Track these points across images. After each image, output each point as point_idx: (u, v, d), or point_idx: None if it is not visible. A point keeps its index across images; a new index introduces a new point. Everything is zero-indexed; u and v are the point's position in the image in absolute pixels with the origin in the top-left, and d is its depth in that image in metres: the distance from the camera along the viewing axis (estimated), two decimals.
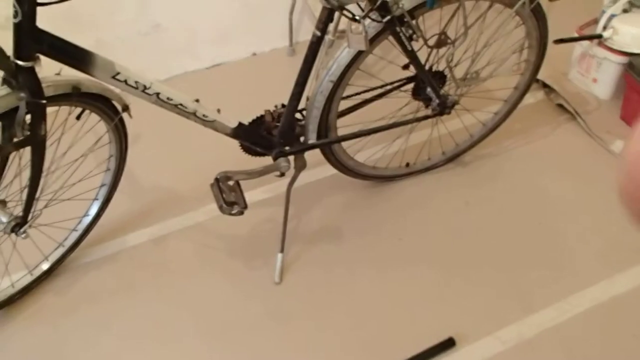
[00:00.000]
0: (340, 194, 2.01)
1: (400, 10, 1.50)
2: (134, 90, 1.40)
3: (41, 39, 1.22)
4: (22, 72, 1.22)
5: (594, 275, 1.72)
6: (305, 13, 2.67)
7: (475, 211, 1.92)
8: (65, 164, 1.64)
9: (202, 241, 1.87)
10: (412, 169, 2.04)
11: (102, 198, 1.78)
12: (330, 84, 1.59)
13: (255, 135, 1.65)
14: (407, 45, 1.59)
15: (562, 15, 2.15)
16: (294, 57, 2.66)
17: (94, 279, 1.79)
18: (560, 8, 1.94)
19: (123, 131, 1.64)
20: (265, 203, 1.98)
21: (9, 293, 1.69)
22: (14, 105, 1.27)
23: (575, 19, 2.32)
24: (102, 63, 1.32)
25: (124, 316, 1.69)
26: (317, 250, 1.83)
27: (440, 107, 1.80)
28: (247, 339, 1.62)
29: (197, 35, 2.54)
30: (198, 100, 1.51)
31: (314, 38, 1.50)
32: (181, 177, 2.09)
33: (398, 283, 1.73)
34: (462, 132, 2.08)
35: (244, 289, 1.74)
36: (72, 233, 1.80)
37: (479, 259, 1.78)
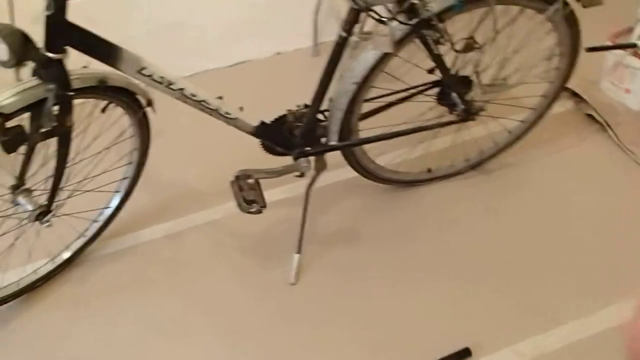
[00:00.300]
0: (359, 197, 2.00)
1: (428, 13, 1.49)
2: (159, 86, 1.42)
3: (71, 32, 1.25)
4: (52, 64, 1.25)
5: (618, 292, 1.68)
6: (330, 13, 2.67)
7: (498, 221, 1.90)
8: (89, 156, 1.67)
9: (218, 238, 1.88)
10: (433, 175, 2.02)
11: (124, 191, 1.81)
12: (354, 85, 1.59)
13: (277, 135, 1.65)
14: (433, 49, 1.58)
15: (595, 23, 2.10)
16: (317, 57, 2.65)
17: (112, 271, 1.81)
18: (594, 15, 1.89)
19: (146, 125, 1.66)
20: (283, 203, 1.98)
21: (31, 279, 1.72)
22: (42, 96, 1.29)
23: (608, 26, 2.28)
24: (129, 57, 1.34)
25: (138, 309, 1.71)
26: (334, 253, 1.82)
27: (465, 113, 1.79)
28: (259, 338, 1.62)
29: (222, 33, 2.54)
30: (221, 98, 1.52)
31: (339, 39, 1.50)
32: (201, 174, 2.10)
33: (415, 290, 1.71)
34: (486, 139, 2.05)
35: (259, 288, 1.74)
36: (93, 224, 1.82)
37: (500, 269, 1.76)
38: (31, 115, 1.33)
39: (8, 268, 1.70)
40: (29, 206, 1.50)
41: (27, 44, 1.22)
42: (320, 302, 1.70)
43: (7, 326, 1.67)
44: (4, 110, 1.25)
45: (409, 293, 1.71)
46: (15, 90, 1.27)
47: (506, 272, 1.75)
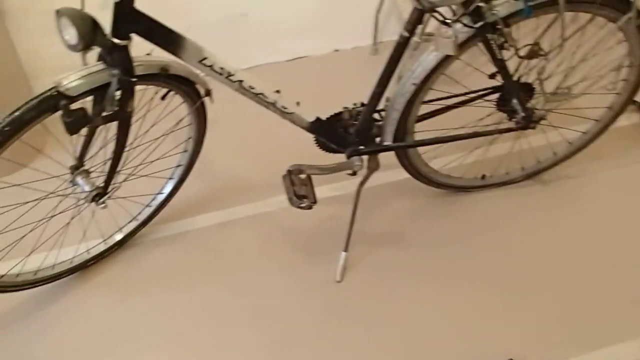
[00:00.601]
0: (410, 199, 1.98)
1: (494, 17, 1.46)
2: (219, 76, 1.43)
3: (137, 20, 1.27)
4: (117, 50, 1.28)
5: None
6: (392, 13, 2.65)
7: (550, 234, 1.85)
8: (146, 142, 1.70)
9: (267, 231, 1.90)
10: (487, 182, 1.98)
11: (177, 178, 1.84)
12: (413, 86, 1.57)
13: (332, 132, 1.65)
14: (497, 54, 1.54)
15: None
16: (376, 56, 2.64)
17: (161, 256, 1.84)
18: None
19: (203, 115, 1.68)
20: (333, 200, 1.97)
21: (83, 258, 1.78)
22: (106, 81, 1.33)
23: None
24: (191, 47, 1.36)
25: (185, 295, 1.73)
26: (381, 254, 1.81)
27: (525, 121, 1.74)
28: (300, 333, 1.63)
29: (282, 27, 2.56)
30: (279, 92, 1.52)
31: (401, 38, 1.48)
32: (254, 166, 2.12)
33: (461, 298, 1.69)
34: (545, 148, 2.00)
35: (304, 283, 1.75)
36: (145, 208, 1.87)
37: (549, 284, 1.71)
38: (94, 98, 1.37)
39: (63, 246, 1.75)
40: (87, 187, 1.54)
41: (95, 30, 1.25)
42: (364, 302, 1.69)
43: (58, 302, 1.73)
44: (69, 93, 1.29)
45: (454, 300, 1.68)
46: (81, 74, 1.30)
47: (556, 287, 1.70)
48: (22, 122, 1.30)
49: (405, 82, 1.57)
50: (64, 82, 1.29)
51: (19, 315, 1.70)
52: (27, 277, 1.66)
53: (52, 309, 1.71)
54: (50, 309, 1.71)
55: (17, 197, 1.60)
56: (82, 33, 1.23)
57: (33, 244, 1.67)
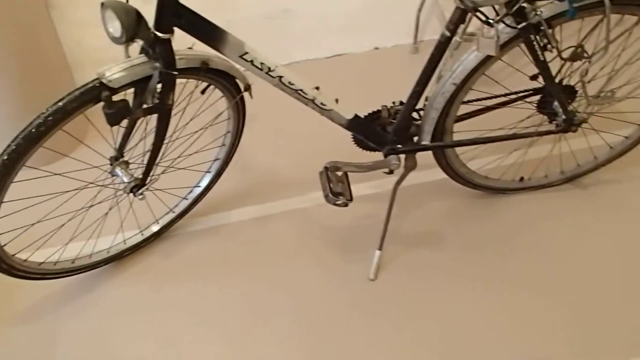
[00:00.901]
0: (447, 200, 1.96)
1: (537, 18, 1.44)
2: (258, 71, 1.44)
3: (181, 14, 1.28)
4: (160, 43, 1.29)
5: None
6: (433, 12, 2.63)
7: (590, 239, 1.82)
8: (185, 135, 1.72)
9: (302, 227, 1.90)
10: (525, 185, 1.96)
11: (214, 172, 1.86)
12: (453, 86, 1.55)
13: (370, 130, 1.64)
14: (539, 55, 1.52)
15: None
16: (416, 55, 2.63)
17: (196, 248, 1.86)
18: None
19: (242, 109, 1.69)
20: (369, 198, 1.97)
21: (120, 248, 1.81)
22: (148, 73, 1.34)
23: None
24: (233, 42, 1.37)
25: (219, 288, 1.75)
26: (415, 254, 1.80)
27: (566, 124, 1.71)
28: (332, 329, 1.63)
29: (323, 24, 2.56)
30: (318, 88, 1.52)
31: (443, 38, 1.46)
32: (291, 162, 2.13)
33: (495, 302, 1.67)
34: (586, 152, 1.96)
35: (338, 280, 1.75)
36: (182, 201, 1.89)
37: (587, 290, 1.68)
38: (136, 91, 1.39)
39: (100, 235, 1.78)
40: (125, 178, 1.56)
41: (139, 23, 1.27)
42: (397, 301, 1.68)
43: (94, 290, 1.76)
44: (111, 85, 1.31)
45: (488, 304, 1.66)
46: (124, 66, 1.32)
47: (595, 295, 1.66)
48: (65, 112, 1.33)
49: (446, 81, 1.56)
50: (107, 74, 1.31)
51: (55, 302, 1.74)
52: (65, 265, 1.70)
53: (88, 297, 1.74)
54: (87, 297, 1.74)
55: (58, 186, 1.63)
56: (126, 26, 1.24)
57: (71, 233, 1.71)
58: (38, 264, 1.63)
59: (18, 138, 1.32)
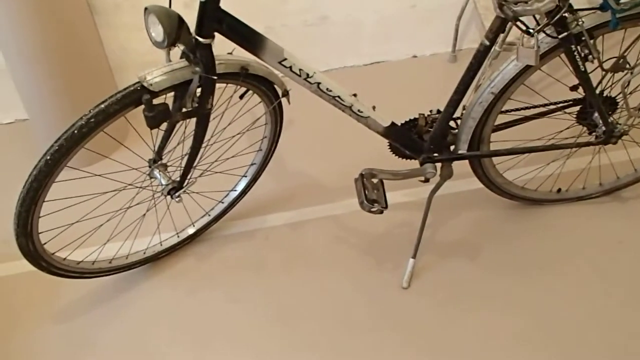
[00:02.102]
0: (482, 210, 1.94)
1: (578, 28, 1.42)
2: (297, 78, 1.45)
3: (222, 19, 1.30)
4: (200, 48, 1.31)
5: None
6: (472, 21, 2.61)
7: (629, 253, 1.78)
8: (223, 139, 1.74)
9: (337, 233, 1.90)
10: (563, 196, 1.93)
11: (250, 176, 1.87)
12: (491, 95, 1.54)
13: (406, 137, 1.64)
14: (580, 66, 1.50)
15: None
16: (454, 64, 2.61)
17: (231, 252, 1.88)
18: None
19: (280, 115, 1.71)
20: (404, 206, 1.96)
21: (156, 250, 1.84)
22: (188, 77, 1.36)
23: None
24: (272, 48, 1.38)
25: (252, 292, 1.76)
26: (450, 264, 1.79)
27: (606, 136, 1.68)
28: (362, 336, 1.62)
29: (362, 31, 2.57)
30: (355, 95, 1.53)
31: (482, 47, 1.45)
32: (326, 168, 2.14)
33: (528, 318, 1.64)
34: (626, 165, 1.92)
35: (370, 287, 1.74)
36: (218, 204, 1.91)
37: (627, 305, 1.64)
38: (175, 94, 1.41)
39: (137, 236, 1.81)
40: (163, 180, 1.59)
41: (181, 28, 1.28)
42: (429, 311, 1.67)
43: (131, 291, 1.79)
44: (153, 88, 1.33)
45: (519, 320, 1.63)
46: (165, 70, 1.35)
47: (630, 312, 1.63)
48: (107, 114, 1.35)
49: (484, 90, 1.55)
50: (148, 78, 1.33)
51: (92, 301, 1.77)
52: (102, 265, 1.73)
53: (124, 297, 1.77)
54: (122, 297, 1.77)
55: (98, 187, 1.67)
56: (169, 30, 1.26)
57: (109, 233, 1.74)
58: (77, 262, 1.66)
59: (61, 139, 1.35)
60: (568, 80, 1.63)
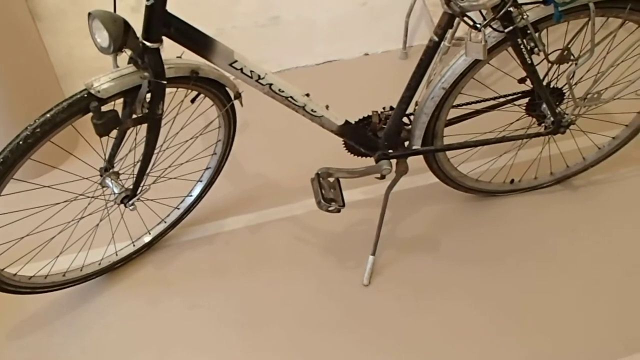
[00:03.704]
0: (439, 204, 1.97)
1: (523, 22, 1.45)
2: (248, 79, 1.44)
3: (169, 22, 1.28)
4: (148, 52, 1.29)
5: None
6: (422, 17, 2.64)
7: (582, 240, 1.82)
8: (175, 144, 1.71)
9: (296, 234, 1.90)
10: (516, 187, 1.97)
11: (206, 180, 1.85)
12: (442, 90, 1.56)
13: (361, 135, 1.65)
14: (527, 59, 1.53)
15: None
16: (405, 60, 2.64)
17: (190, 258, 1.85)
18: None
19: (233, 118, 1.69)
20: (362, 204, 1.97)
21: (112, 260, 1.79)
22: (137, 83, 1.34)
23: None
24: (222, 50, 1.37)
25: (214, 297, 1.74)
26: (409, 259, 1.80)
27: (555, 126, 1.73)
28: (325, 335, 1.62)
29: (313, 31, 2.57)
30: (308, 95, 1.52)
31: (431, 43, 1.47)
32: (283, 169, 2.13)
33: (488, 307, 1.66)
34: (574, 153, 1.98)
35: (332, 286, 1.74)
36: (174, 211, 1.88)
37: (580, 291, 1.69)
38: (125, 101, 1.38)
39: (91, 247, 1.77)
40: (116, 189, 1.55)
41: (127, 32, 1.26)
42: (390, 307, 1.68)
43: (87, 303, 1.74)
44: (100, 95, 1.30)
45: (479, 309, 1.66)
46: (112, 76, 1.31)
47: (588, 294, 1.67)
48: (53, 123, 1.31)
49: (435, 86, 1.56)
50: (95, 84, 1.30)
51: (48, 316, 1.72)
52: (56, 279, 1.68)
53: (81, 310, 1.73)
54: (80, 310, 1.73)
55: (47, 199, 1.62)
56: (114, 35, 1.23)
57: (62, 246, 1.69)
58: (28, 278, 1.61)
59: (5, 151, 1.30)
60: (516, 73, 1.66)
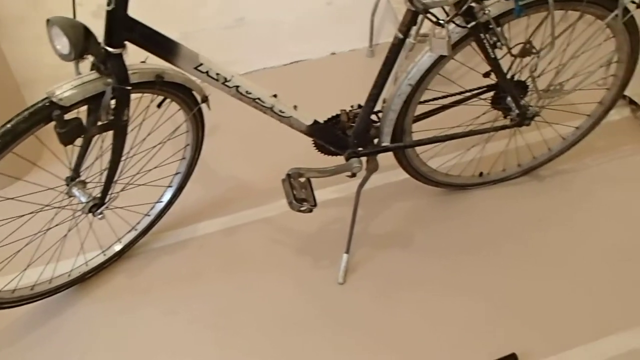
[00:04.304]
0: (410, 199, 1.98)
1: (486, 17, 1.46)
2: (215, 82, 1.42)
3: (131, 27, 1.26)
4: (111, 58, 1.26)
5: None
6: (387, 15, 2.65)
7: (549, 228, 1.85)
8: (143, 150, 1.69)
9: (270, 235, 1.89)
10: (485, 179, 1.99)
11: (176, 186, 1.83)
12: (409, 87, 1.57)
13: (330, 134, 1.65)
14: (490, 53, 1.55)
15: None
16: (372, 58, 2.65)
17: (164, 264, 1.83)
18: None
19: (201, 121, 1.67)
20: (334, 203, 1.97)
21: (82, 271, 1.76)
22: (101, 90, 1.31)
23: None
24: (187, 54, 1.35)
25: (189, 303, 1.72)
26: (383, 255, 1.81)
27: (520, 118, 1.75)
28: (302, 335, 1.62)
29: (279, 31, 2.56)
30: (276, 96, 1.52)
31: (396, 40, 1.48)
32: (254, 171, 2.12)
33: (462, 297, 1.68)
34: (540, 145, 2.01)
35: (307, 286, 1.74)
36: (145, 217, 1.85)
37: (550, 277, 1.72)
38: (89, 108, 1.36)
39: (60, 259, 1.74)
40: (83, 198, 1.52)
41: (87, 38, 1.24)
42: (367, 304, 1.68)
43: (59, 315, 1.71)
44: (62, 103, 1.27)
45: (456, 300, 1.68)
46: (75, 84, 1.29)
47: (558, 281, 1.70)
48: (15, 134, 1.28)
49: (402, 83, 1.57)
50: (57, 92, 1.27)
51: (17, 331, 1.68)
52: (24, 293, 1.64)
53: (53, 323, 1.69)
54: (52, 323, 1.69)
55: (12, 211, 1.58)
56: (74, 42, 1.21)
57: (29, 258, 1.66)
58: None
59: None
60: (481, 67, 1.68)
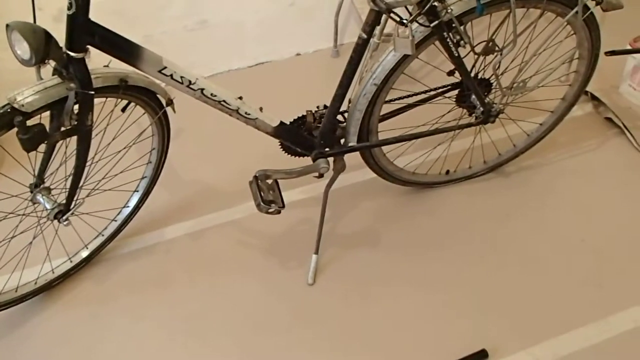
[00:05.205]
0: (378, 198, 1.99)
1: (448, 16, 1.48)
2: (179, 85, 1.42)
3: (93, 31, 1.25)
4: (73, 63, 1.25)
5: (637, 295, 1.66)
6: (351, 15, 2.67)
7: (516, 223, 1.89)
8: (108, 155, 1.68)
9: (238, 238, 1.89)
10: (452, 177, 2.01)
11: (142, 190, 1.81)
12: (374, 87, 1.58)
13: (296, 135, 1.65)
14: (453, 51, 1.56)
15: (616, 27, 2.09)
16: (337, 58, 2.66)
17: (131, 270, 1.81)
18: (614, 19, 1.89)
19: (166, 125, 1.66)
20: (302, 203, 1.98)
21: (48, 278, 1.73)
22: (63, 95, 1.30)
23: (629, 31, 2.27)
24: (150, 57, 1.34)
25: (157, 308, 1.71)
26: (352, 255, 1.82)
27: (484, 115, 1.78)
28: (272, 338, 1.62)
29: (243, 33, 2.56)
30: (241, 98, 1.52)
31: (360, 40, 1.49)
32: (221, 174, 2.11)
33: (432, 293, 1.70)
34: (505, 141, 2.04)
35: (277, 288, 1.74)
36: (111, 223, 1.83)
37: (517, 272, 1.74)
38: (52, 113, 1.34)
39: (26, 266, 1.71)
40: (48, 205, 1.51)
41: (48, 43, 1.22)
42: (337, 304, 1.69)
43: (25, 324, 1.68)
44: (25, 109, 1.26)
45: (424, 297, 1.69)
46: (37, 89, 1.27)
47: (524, 276, 1.73)
48: None
49: (367, 82, 1.58)
50: (19, 98, 1.25)
51: None
52: None
53: (19, 332, 1.66)
54: (18, 332, 1.66)
55: None
56: (35, 47, 1.20)
57: None
58: None
59: None
60: (445, 66, 1.70)
